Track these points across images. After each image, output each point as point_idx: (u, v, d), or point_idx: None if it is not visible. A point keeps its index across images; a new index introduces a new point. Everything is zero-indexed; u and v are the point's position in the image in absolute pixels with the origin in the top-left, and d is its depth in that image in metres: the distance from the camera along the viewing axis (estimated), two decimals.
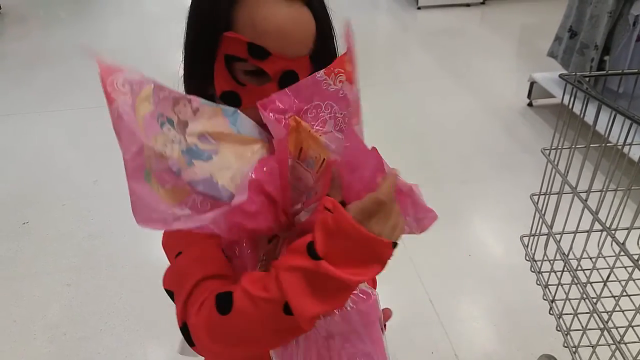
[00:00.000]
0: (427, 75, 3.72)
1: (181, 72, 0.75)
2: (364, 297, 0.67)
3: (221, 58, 0.65)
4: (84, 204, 2.50)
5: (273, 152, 0.62)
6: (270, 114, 0.61)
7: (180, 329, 0.61)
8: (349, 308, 0.65)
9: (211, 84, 0.68)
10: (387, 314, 0.77)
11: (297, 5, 0.64)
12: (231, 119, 0.62)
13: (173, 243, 0.68)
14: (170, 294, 0.65)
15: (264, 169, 0.59)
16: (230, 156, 0.60)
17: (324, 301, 0.54)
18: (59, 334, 1.83)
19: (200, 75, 0.69)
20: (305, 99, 0.63)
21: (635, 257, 0.98)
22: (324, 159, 0.62)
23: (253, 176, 0.58)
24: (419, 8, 5.13)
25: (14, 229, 2.35)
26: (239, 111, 0.63)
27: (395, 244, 0.56)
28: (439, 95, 3.46)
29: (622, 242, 1.06)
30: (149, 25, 5.16)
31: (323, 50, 0.68)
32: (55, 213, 2.45)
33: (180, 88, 0.73)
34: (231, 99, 0.66)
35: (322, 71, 0.62)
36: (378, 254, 0.55)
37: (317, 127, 0.63)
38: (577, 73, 1.06)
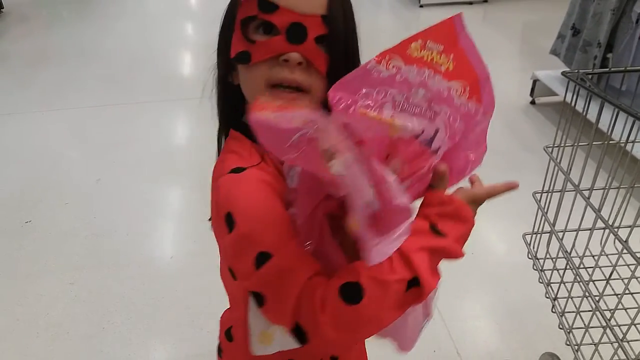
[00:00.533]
0: None
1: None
2: None
3: (238, 25, 0.70)
4: (87, 202, 2.51)
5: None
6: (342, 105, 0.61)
7: (292, 330, 0.60)
8: None
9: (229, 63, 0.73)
10: None
11: None
12: None
13: (251, 245, 0.63)
14: (259, 296, 0.62)
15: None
16: None
17: (437, 274, 0.64)
18: (62, 332, 1.83)
19: (225, 51, 0.73)
20: (354, 90, 0.62)
21: (639, 255, 0.97)
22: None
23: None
24: (421, 6, 5.12)
25: (16, 227, 2.35)
26: None
27: None
28: None
29: (625, 239, 1.06)
30: (151, 25, 5.17)
31: (338, 15, 0.69)
32: (57, 212, 2.45)
33: None
34: (242, 58, 0.69)
35: (372, 59, 0.64)
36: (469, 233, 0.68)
37: (373, 113, 0.62)
38: (580, 71, 1.06)
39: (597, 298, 1.06)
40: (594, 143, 1.08)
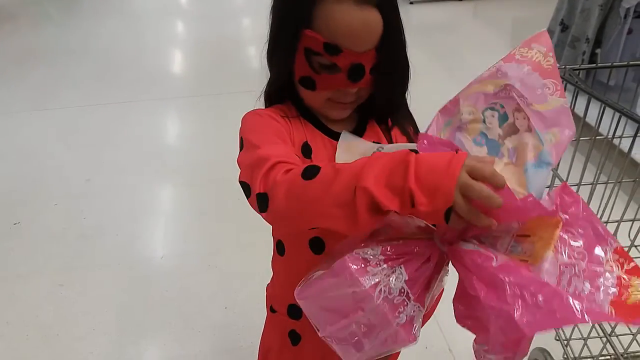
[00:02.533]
0: (420, 70, 3.68)
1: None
2: None
3: (301, 50, 0.77)
4: (76, 203, 2.49)
5: None
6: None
7: (258, 194, 0.68)
8: None
9: (289, 69, 0.81)
10: None
11: (368, 9, 0.73)
12: None
13: (253, 136, 0.78)
14: (246, 187, 0.72)
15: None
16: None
17: (391, 195, 0.56)
18: (52, 334, 1.82)
19: (281, 62, 0.82)
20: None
21: (626, 249, 0.98)
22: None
23: None
24: (411, 3, 5.12)
25: (5, 229, 2.33)
26: None
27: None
28: (432, 90, 3.45)
29: (614, 234, 1.06)
30: (140, 23, 5.14)
31: (389, 44, 0.78)
32: (47, 213, 2.43)
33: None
34: (308, 83, 0.80)
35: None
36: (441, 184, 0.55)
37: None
38: (567, 67, 1.06)
39: None
40: (581, 138, 1.09)
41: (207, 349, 1.75)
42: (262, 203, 0.68)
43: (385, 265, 0.62)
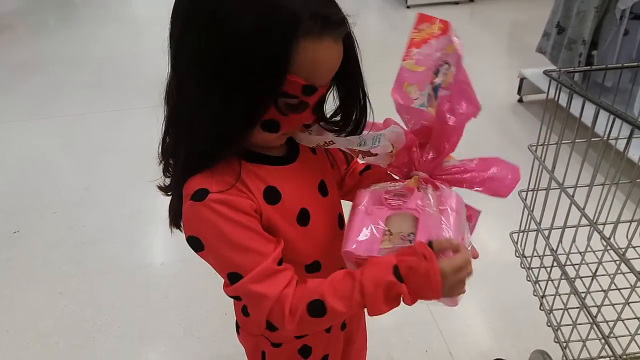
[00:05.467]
0: None
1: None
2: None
3: (269, 96, 0.68)
4: (75, 211, 2.49)
5: None
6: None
7: (266, 327, 0.75)
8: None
9: (246, 118, 0.69)
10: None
11: (340, 43, 0.70)
12: None
13: (223, 262, 0.75)
14: (238, 298, 0.78)
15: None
16: None
17: (389, 304, 0.73)
18: (52, 343, 1.82)
19: (236, 113, 0.68)
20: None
21: (623, 250, 0.98)
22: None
23: None
24: (408, 7, 5.14)
25: (4, 238, 2.33)
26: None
27: None
28: None
29: (611, 235, 1.06)
30: (137, 31, 5.15)
31: (344, 67, 0.73)
32: (46, 221, 2.43)
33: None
34: (272, 126, 0.72)
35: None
36: (428, 299, 0.73)
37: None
38: (561, 69, 1.06)
39: (583, 294, 1.07)
40: (577, 141, 1.09)
41: (208, 356, 1.75)
42: (271, 329, 0.75)
43: None
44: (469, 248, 0.79)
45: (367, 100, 0.79)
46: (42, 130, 3.31)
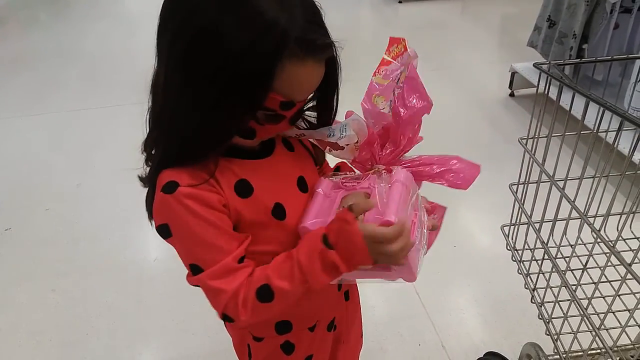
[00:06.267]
0: None
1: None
2: None
3: (248, 105, 0.69)
4: (68, 208, 2.48)
5: None
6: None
7: (222, 317, 0.79)
8: None
9: (226, 127, 0.72)
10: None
11: (322, 65, 0.72)
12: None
13: (187, 253, 0.79)
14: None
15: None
16: None
17: (328, 274, 0.75)
18: (45, 340, 1.82)
19: (219, 122, 0.71)
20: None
21: (613, 242, 0.99)
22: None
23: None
24: (400, 2, 5.14)
25: None
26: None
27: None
28: None
29: (601, 227, 1.07)
30: (129, 27, 5.12)
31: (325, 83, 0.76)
32: (38, 218, 2.42)
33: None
34: (247, 134, 0.75)
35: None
36: (361, 263, 0.74)
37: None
38: (551, 62, 1.06)
39: (574, 287, 1.07)
40: (567, 134, 1.09)
41: (202, 351, 1.75)
42: (228, 320, 0.79)
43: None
44: (422, 227, 0.82)
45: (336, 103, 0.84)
46: (34, 127, 3.29)
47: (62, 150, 3.02)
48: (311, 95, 0.78)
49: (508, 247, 1.28)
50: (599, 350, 1.08)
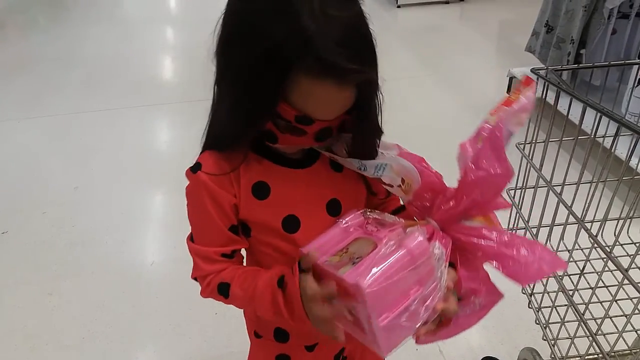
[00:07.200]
0: (408, 73, 3.73)
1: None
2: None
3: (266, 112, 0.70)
4: (65, 211, 2.47)
5: None
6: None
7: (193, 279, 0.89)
8: None
9: (240, 115, 0.73)
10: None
11: (348, 91, 0.68)
12: None
13: (190, 221, 0.86)
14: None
15: None
16: None
17: (275, 313, 0.78)
18: (41, 343, 1.81)
19: (241, 118, 0.73)
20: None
21: (610, 247, 0.99)
22: None
23: None
24: (398, 6, 5.15)
25: None
26: None
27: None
28: (420, 93, 3.47)
29: (598, 232, 1.07)
30: (127, 31, 5.12)
31: (360, 106, 0.72)
32: (35, 221, 2.42)
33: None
34: (270, 138, 0.75)
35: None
36: (302, 318, 0.74)
37: None
38: (549, 67, 1.07)
39: (571, 292, 1.07)
40: (564, 139, 1.10)
41: (198, 355, 1.74)
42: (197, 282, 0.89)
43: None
44: (420, 306, 0.69)
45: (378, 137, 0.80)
46: (31, 130, 3.28)
47: (60, 153, 3.01)
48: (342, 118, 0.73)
49: None
50: (596, 356, 1.07)
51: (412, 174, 0.75)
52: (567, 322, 1.12)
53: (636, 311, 0.97)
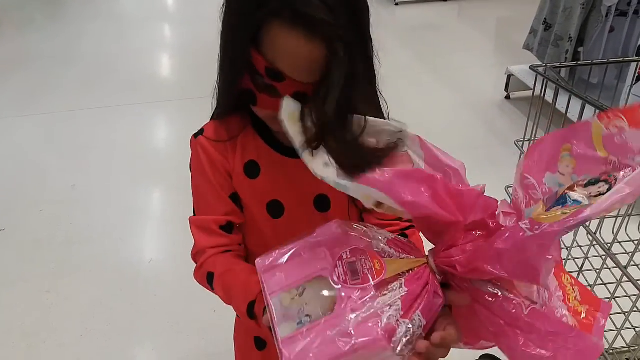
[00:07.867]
0: (407, 71, 3.73)
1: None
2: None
3: (245, 65, 0.72)
4: (62, 209, 2.47)
5: None
6: None
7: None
8: None
9: (235, 79, 0.75)
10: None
11: (317, 42, 0.66)
12: None
13: (193, 192, 0.89)
14: None
15: None
16: None
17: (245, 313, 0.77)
18: (39, 341, 1.81)
19: (227, 71, 0.77)
20: None
21: (609, 245, 0.99)
22: None
23: None
24: (396, 4, 5.14)
25: None
26: None
27: None
28: (419, 90, 3.47)
29: (597, 230, 1.07)
30: (125, 28, 5.10)
31: (335, 74, 0.68)
32: (32, 219, 2.41)
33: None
34: (250, 98, 0.74)
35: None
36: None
37: None
38: (548, 65, 1.07)
39: None
40: None
41: (196, 353, 1.74)
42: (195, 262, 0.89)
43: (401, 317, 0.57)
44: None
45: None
46: (28, 127, 3.27)
47: (57, 151, 3.01)
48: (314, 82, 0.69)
49: None
50: None
51: (386, 200, 0.58)
52: None
53: (635, 309, 0.97)
